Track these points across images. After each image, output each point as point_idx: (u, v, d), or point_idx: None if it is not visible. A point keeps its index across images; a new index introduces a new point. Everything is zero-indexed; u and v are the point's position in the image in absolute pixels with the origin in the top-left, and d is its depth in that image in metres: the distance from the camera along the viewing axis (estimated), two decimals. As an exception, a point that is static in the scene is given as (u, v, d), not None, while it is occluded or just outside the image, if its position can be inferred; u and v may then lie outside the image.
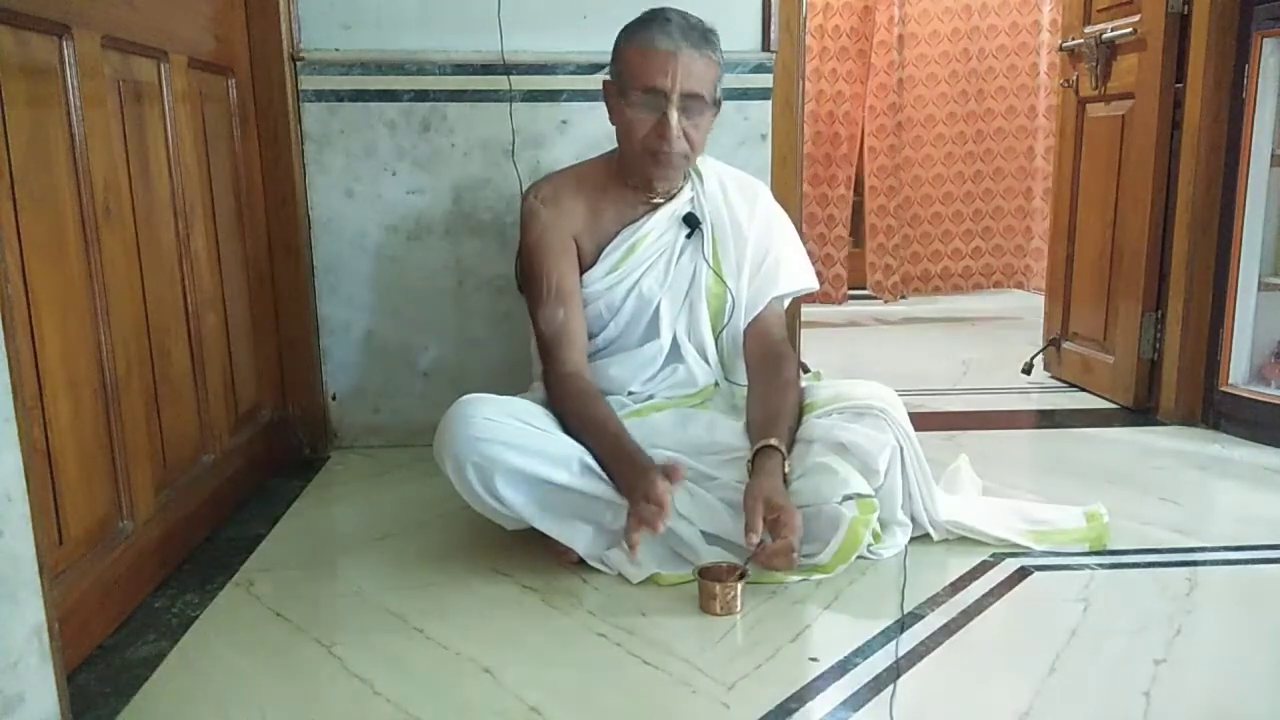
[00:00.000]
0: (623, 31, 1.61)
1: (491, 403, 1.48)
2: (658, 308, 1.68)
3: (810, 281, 1.79)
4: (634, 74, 1.56)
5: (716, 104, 1.62)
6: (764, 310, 1.72)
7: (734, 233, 1.71)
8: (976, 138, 4.02)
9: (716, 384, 1.72)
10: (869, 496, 1.45)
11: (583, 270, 1.68)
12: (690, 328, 1.70)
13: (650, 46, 1.54)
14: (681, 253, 1.69)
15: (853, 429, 1.51)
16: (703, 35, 1.56)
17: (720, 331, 1.72)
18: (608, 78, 1.64)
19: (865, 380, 1.62)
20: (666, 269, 1.68)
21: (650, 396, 1.69)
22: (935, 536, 1.59)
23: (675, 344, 1.70)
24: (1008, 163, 4.05)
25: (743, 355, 1.72)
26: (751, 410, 1.60)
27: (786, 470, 1.47)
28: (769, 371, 1.65)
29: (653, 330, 1.69)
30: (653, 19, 1.56)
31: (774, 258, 1.73)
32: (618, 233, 1.68)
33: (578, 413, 1.53)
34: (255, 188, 1.95)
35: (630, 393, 1.69)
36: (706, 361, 1.71)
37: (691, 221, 1.68)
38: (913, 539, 1.57)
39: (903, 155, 3.99)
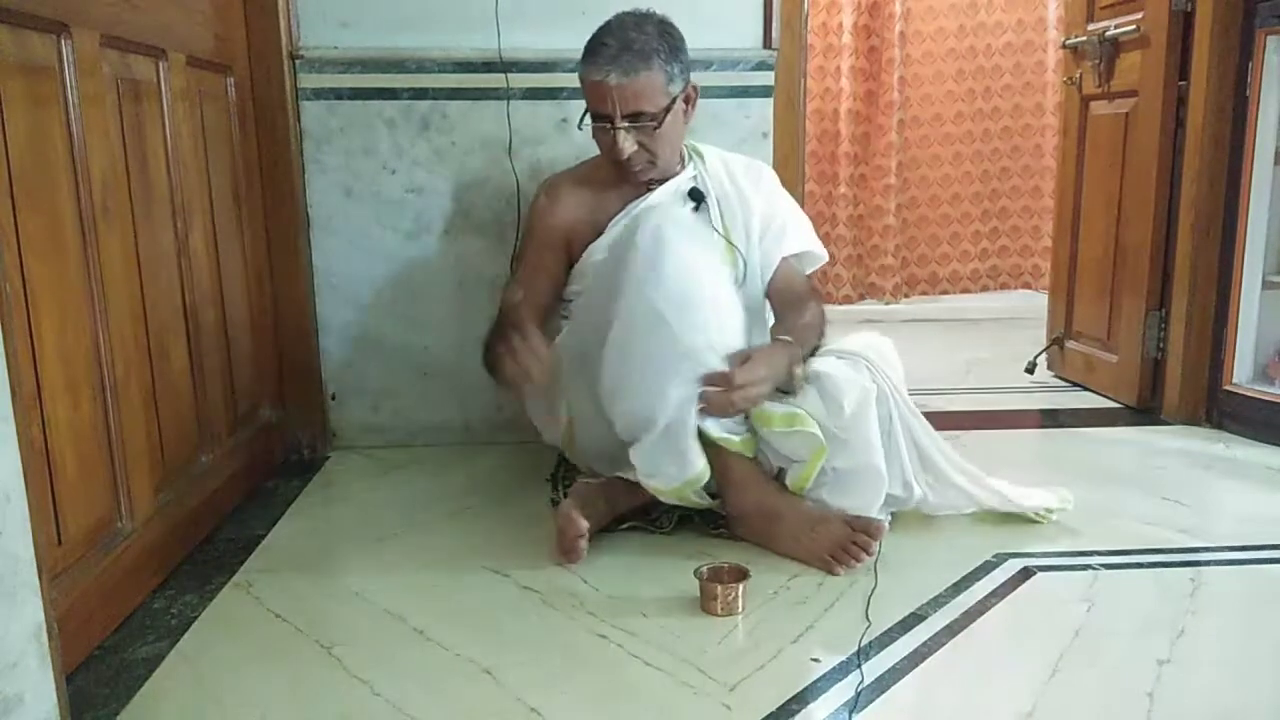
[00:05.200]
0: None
1: None
2: None
3: (820, 249, 1.84)
4: (587, 99, 1.66)
5: (675, 101, 1.65)
6: (780, 268, 1.77)
7: (740, 203, 1.77)
8: (984, 136, 3.99)
9: None
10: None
11: (585, 246, 1.75)
12: None
13: (588, 76, 1.63)
14: None
15: (829, 361, 1.54)
16: (638, 54, 1.60)
17: None
18: None
19: (872, 334, 1.65)
20: None
21: None
22: (933, 501, 1.58)
23: None
24: (1014, 161, 4.02)
25: (765, 325, 1.75)
26: (772, 331, 1.68)
27: (795, 371, 1.51)
28: (791, 309, 1.71)
29: None
30: (594, 43, 1.63)
31: (780, 221, 1.79)
32: (621, 209, 1.74)
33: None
34: (254, 186, 1.94)
35: None
36: None
37: (696, 196, 1.74)
38: (914, 537, 1.56)
39: (908, 155, 3.96)
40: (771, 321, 1.77)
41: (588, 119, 1.67)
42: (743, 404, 1.46)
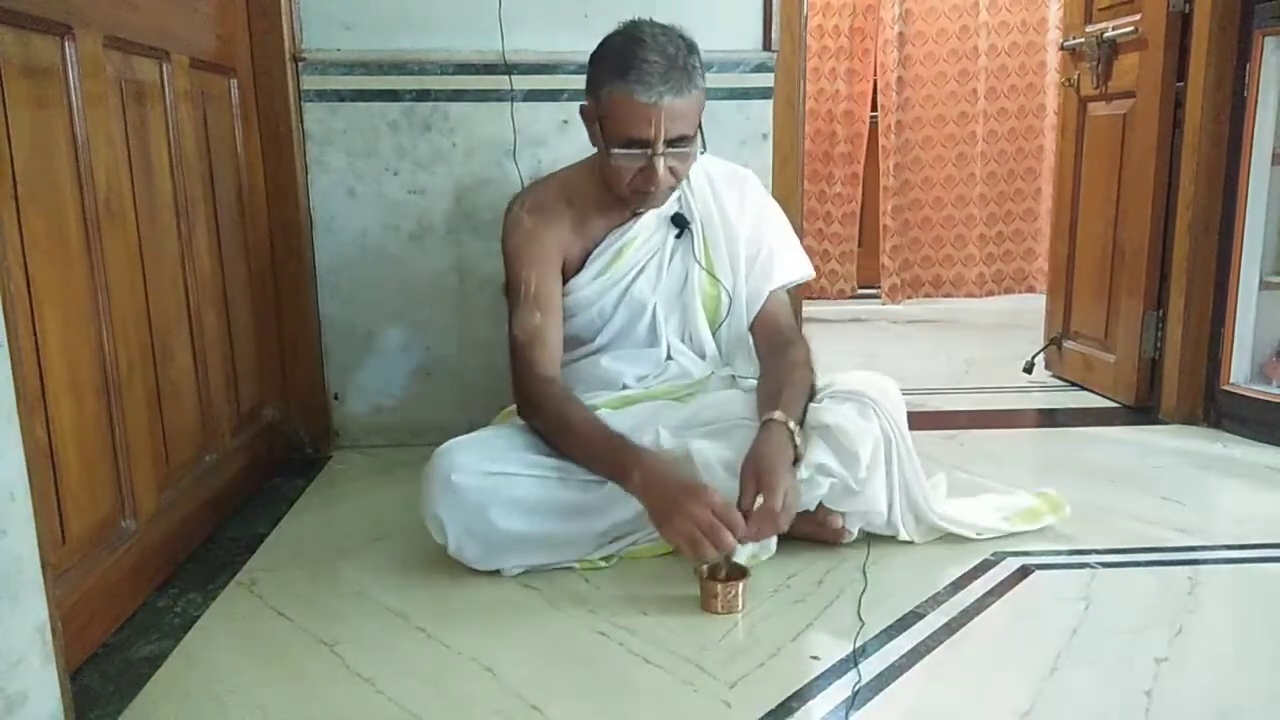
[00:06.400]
0: (601, 62, 1.50)
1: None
2: (654, 313, 1.66)
3: (805, 270, 1.77)
4: (616, 123, 1.48)
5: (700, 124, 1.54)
6: (766, 303, 1.70)
7: (725, 229, 1.68)
8: (988, 137, 4.00)
9: (713, 373, 1.70)
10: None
11: (571, 276, 1.66)
12: (684, 328, 1.69)
13: (631, 97, 1.44)
14: (673, 256, 1.67)
15: (837, 409, 1.47)
16: (685, 72, 1.45)
17: (718, 328, 1.71)
18: (584, 103, 1.56)
19: (871, 371, 1.60)
20: (658, 273, 1.66)
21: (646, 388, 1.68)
22: (916, 539, 1.56)
23: (669, 345, 1.69)
24: (1018, 163, 4.02)
25: (750, 351, 1.71)
26: (759, 389, 1.57)
27: (797, 444, 1.42)
28: (776, 355, 1.62)
29: (652, 335, 1.68)
30: (632, 59, 1.44)
31: (768, 250, 1.71)
32: (605, 236, 1.66)
33: (559, 416, 1.49)
34: (257, 187, 1.95)
35: (624, 386, 1.67)
36: (704, 359, 1.70)
37: (680, 222, 1.67)
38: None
39: (910, 155, 3.97)
40: (754, 352, 1.72)
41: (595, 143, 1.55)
42: (787, 521, 1.36)
